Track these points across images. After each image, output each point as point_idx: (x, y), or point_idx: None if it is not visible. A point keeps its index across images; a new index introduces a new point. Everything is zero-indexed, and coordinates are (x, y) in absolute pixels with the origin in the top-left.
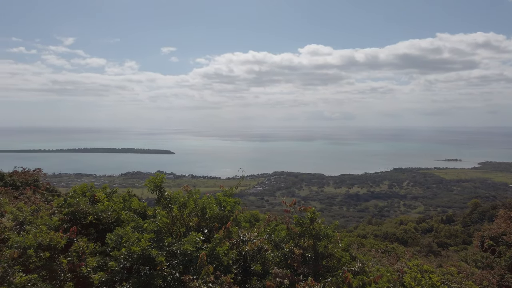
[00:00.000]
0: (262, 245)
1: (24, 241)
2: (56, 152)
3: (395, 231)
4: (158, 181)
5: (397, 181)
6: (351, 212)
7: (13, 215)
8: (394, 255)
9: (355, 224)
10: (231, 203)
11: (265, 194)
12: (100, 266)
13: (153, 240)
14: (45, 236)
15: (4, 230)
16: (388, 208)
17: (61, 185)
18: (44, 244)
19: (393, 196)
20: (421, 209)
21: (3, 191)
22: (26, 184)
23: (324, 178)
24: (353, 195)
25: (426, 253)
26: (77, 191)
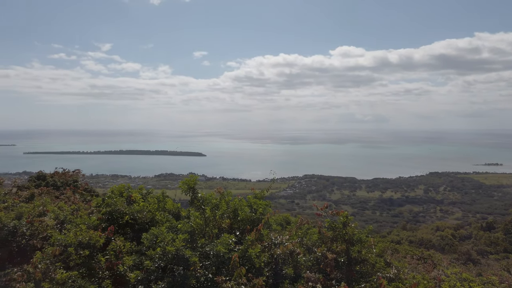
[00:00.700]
0: (294, 249)
1: (65, 239)
2: (93, 154)
3: (431, 237)
4: (191, 183)
5: (433, 185)
6: (384, 217)
7: (54, 214)
8: (430, 262)
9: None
10: (262, 206)
11: (295, 197)
12: (136, 265)
13: (187, 240)
14: (85, 234)
15: (46, 228)
16: (424, 214)
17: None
18: (84, 242)
19: (429, 201)
20: (459, 215)
21: (45, 191)
22: (66, 184)
23: (356, 182)
24: (386, 200)
25: (464, 261)
26: (115, 191)
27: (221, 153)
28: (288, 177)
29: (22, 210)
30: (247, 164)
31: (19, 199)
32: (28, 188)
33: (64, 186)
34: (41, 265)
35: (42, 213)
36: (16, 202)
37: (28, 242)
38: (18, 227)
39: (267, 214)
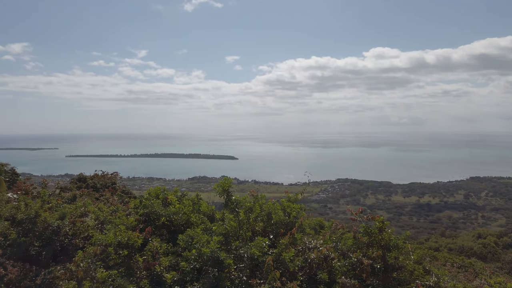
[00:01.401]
0: (328, 253)
1: (105, 239)
2: (130, 157)
3: (472, 245)
4: (226, 186)
5: (474, 191)
6: (421, 223)
7: (95, 214)
8: (471, 271)
9: (426, 235)
10: (296, 209)
11: (328, 201)
12: (172, 266)
13: (221, 243)
14: (124, 235)
15: (87, 228)
16: (464, 220)
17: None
18: (123, 242)
19: (469, 207)
20: (503, 222)
21: (86, 193)
22: (105, 186)
23: (392, 186)
24: (424, 205)
25: (508, 270)
26: (152, 193)
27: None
28: (321, 181)
29: (65, 210)
30: (279, 167)
31: (62, 200)
32: (70, 189)
33: (103, 188)
34: (83, 264)
35: (84, 213)
36: (59, 203)
37: (70, 242)
38: (61, 227)
39: (301, 218)
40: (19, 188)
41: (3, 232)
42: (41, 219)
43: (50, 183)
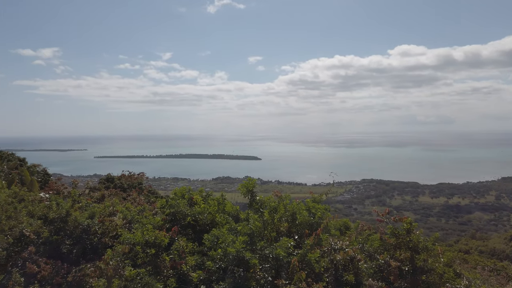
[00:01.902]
0: (354, 255)
1: (133, 238)
2: (156, 157)
3: (504, 247)
4: (250, 186)
5: (506, 191)
6: (450, 224)
7: (123, 214)
8: (504, 275)
9: (455, 238)
10: (321, 210)
11: (353, 202)
12: (198, 265)
13: (247, 243)
14: (151, 234)
15: (116, 227)
16: (496, 222)
17: (160, 188)
18: (150, 241)
19: (501, 209)
20: None
21: (114, 193)
22: (132, 186)
23: (419, 187)
24: (453, 206)
25: None
26: (177, 193)
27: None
28: (345, 182)
29: (94, 210)
30: (302, 167)
31: (91, 199)
32: (99, 189)
33: (130, 188)
34: (112, 262)
35: (112, 213)
36: (89, 203)
37: (100, 240)
38: (91, 225)
39: (326, 218)
40: (51, 188)
41: (36, 230)
42: (72, 218)
43: (80, 183)
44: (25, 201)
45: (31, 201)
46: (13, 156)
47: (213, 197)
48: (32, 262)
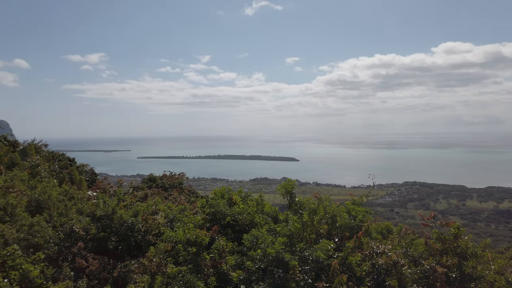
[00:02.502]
0: (398, 259)
1: (175, 236)
2: (195, 158)
3: None
4: (289, 187)
5: None
6: (500, 230)
7: (165, 213)
8: None
9: (506, 244)
10: (361, 213)
11: (394, 205)
12: (237, 265)
13: (286, 244)
14: (192, 233)
15: (158, 225)
16: None
17: (199, 188)
18: (191, 240)
19: None
20: None
21: (156, 192)
22: (173, 186)
23: (466, 191)
24: (503, 211)
25: None
26: (217, 193)
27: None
28: (386, 184)
29: (138, 208)
30: (341, 169)
31: (135, 198)
32: (142, 189)
33: (171, 188)
34: (155, 259)
35: (154, 211)
36: (133, 201)
37: (143, 238)
38: (135, 223)
39: (367, 221)
40: (98, 186)
41: (85, 227)
42: (117, 216)
43: (124, 183)
44: (75, 199)
45: (80, 199)
46: (64, 156)
47: (252, 197)
48: (81, 257)
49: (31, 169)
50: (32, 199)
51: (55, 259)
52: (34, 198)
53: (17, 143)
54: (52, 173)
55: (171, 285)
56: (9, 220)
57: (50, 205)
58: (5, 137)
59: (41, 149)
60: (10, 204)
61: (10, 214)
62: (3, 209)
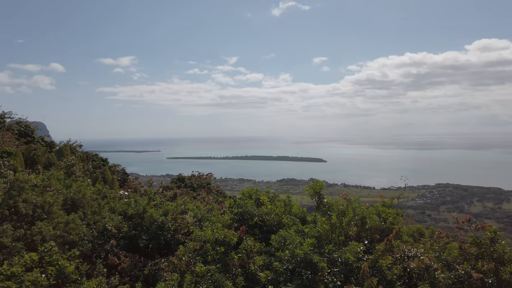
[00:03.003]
0: (430, 263)
1: (204, 236)
2: (222, 159)
3: None
4: (317, 188)
5: None
6: None
7: (193, 212)
8: None
9: None
10: (392, 215)
11: (426, 207)
12: (265, 265)
13: (314, 245)
14: (221, 232)
15: (187, 224)
16: None
17: (226, 188)
18: (220, 239)
19: None
20: None
21: (185, 192)
22: (201, 186)
23: (503, 193)
24: None
25: None
26: (245, 193)
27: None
28: (418, 186)
29: (168, 208)
30: (369, 170)
31: (165, 198)
32: (171, 188)
33: (200, 188)
34: (184, 258)
35: (183, 211)
36: (162, 201)
37: (172, 236)
38: (165, 222)
39: (398, 224)
40: (129, 186)
41: (117, 225)
42: (148, 215)
43: (154, 183)
44: (107, 197)
45: (113, 198)
46: (97, 156)
47: (279, 198)
48: (113, 255)
49: (66, 168)
50: (68, 197)
51: (89, 256)
52: (70, 197)
53: (53, 143)
54: (86, 173)
55: (200, 283)
56: (46, 217)
57: (84, 203)
58: (42, 138)
59: (76, 149)
60: (47, 202)
61: (47, 212)
62: (40, 207)
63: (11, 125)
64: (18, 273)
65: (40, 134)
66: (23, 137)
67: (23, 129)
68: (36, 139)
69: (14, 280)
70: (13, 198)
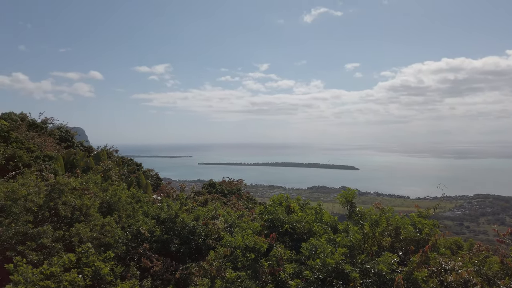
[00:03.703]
0: (469, 278)
1: (234, 242)
2: (253, 165)
3: None
4: (349, 196)
5: None
6: None
7: (224, 218)
8: None
9: None
10: (428, 226)
11: (464, 219)
12: (296, 273)
13: (346, 255)
14: (251, 239)
15: (218, 230)
16: None
17: (256, 194)
18: (250, 246)
19: None
20: None
21: (216, 197)
22: (232, 192)
23: None
24: None
25: None
26: (275, 200)
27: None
28: (455, 196)
29: (199, 213)
30: (404, 179)
31: (196, 203)
32: (203, 194)
33: (230, 194)
34: (215, 263)
35: (214, 216)
36: (194, 206)
37: (203, 241)
38: (196, 227)
39: (434, 235)
40: (162, 190)
41: (150, 229)
42: (180, 220)
43: (186, 188)
44: (141, 202)
45: (146, 202)
46: (132, 161)
47: (310, 206)
48: (146, 258)
49: (103, 172)
50: (104, 201)
51: (123, 258)
52: (106, 200)
53: (91, 148)
54: (122, 177)
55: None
56: (83, 220)
57: (119, 207)
58: (81, 143)
59: (112, 154)
60: (85, 205)
61: (84, 214)
62: (79, 210)
63: (52, 131)
64: (57, 273)
65: (79, 139)
66: (63, 142)
67: (63, 134)
68: (75, 144)
69: (53, 279)
70: (53, 200)
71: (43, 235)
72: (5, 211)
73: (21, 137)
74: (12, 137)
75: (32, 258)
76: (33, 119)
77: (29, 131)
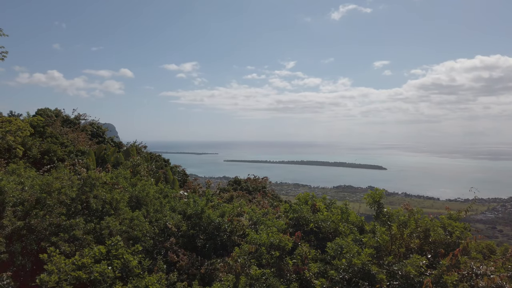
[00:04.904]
0: (502, 283)
1: (259, 239)
2: (278, 163)
3: None
4: (377, 197)
5: None
6: None
7: (249, 215)
8: None
9: None
10: (459, 229)
11: (497, 222)
12: (321, 273)
13: (373, 256)
14: (276, 237)
15: (243, 227)
16: None
17: (281, 193)
18: (275, 244)
19: None
20: None
21: (241, 194)
22: (257, 189)
23: None
24: None
25: None
26: (301, 199)
27: (404, 167)
28: (488, 199)
29: (225, 209)
30: (434, 180)
31: (222, 199)
32: (228, 190)
33: (255, 191)
34: (239, 260)
35: (239, 213)
36: (220, 202)
37: (229, 238)
38: (221, 223)
39: (466, 238)
40: (189, 186)
41: (177, 224)
42: (205, 215)
43: (212, 184)
44: (169, 197)
45: (173, 197)
46: (160, 157)
47: (336, 205)
48: (173, 252)
49: (132, 168)
50: (133, 195)
51: (150, 252)
52: (135, 195)
53: (121, 144)
54: (150, 172)
55: (255, 286)
56: (113, 213)
57: (147, 201)
58: (112, 139)
59: (141, 150)
60: (115, 199)
61: (114, 208)
62: (109, 203)
63: (85, 126)
64: (88, 264)
65: (110, 135)
66: (95, 137)
67: (95, 130)
68: (106, 139)
69: (84, 270)
70: (85, 194)
71: (75, 227)
72: (40, 203)
73: (55, 132)
74: (48, 132)
75: (65, 249)
76: (67, 115)
77: (63, 126)
